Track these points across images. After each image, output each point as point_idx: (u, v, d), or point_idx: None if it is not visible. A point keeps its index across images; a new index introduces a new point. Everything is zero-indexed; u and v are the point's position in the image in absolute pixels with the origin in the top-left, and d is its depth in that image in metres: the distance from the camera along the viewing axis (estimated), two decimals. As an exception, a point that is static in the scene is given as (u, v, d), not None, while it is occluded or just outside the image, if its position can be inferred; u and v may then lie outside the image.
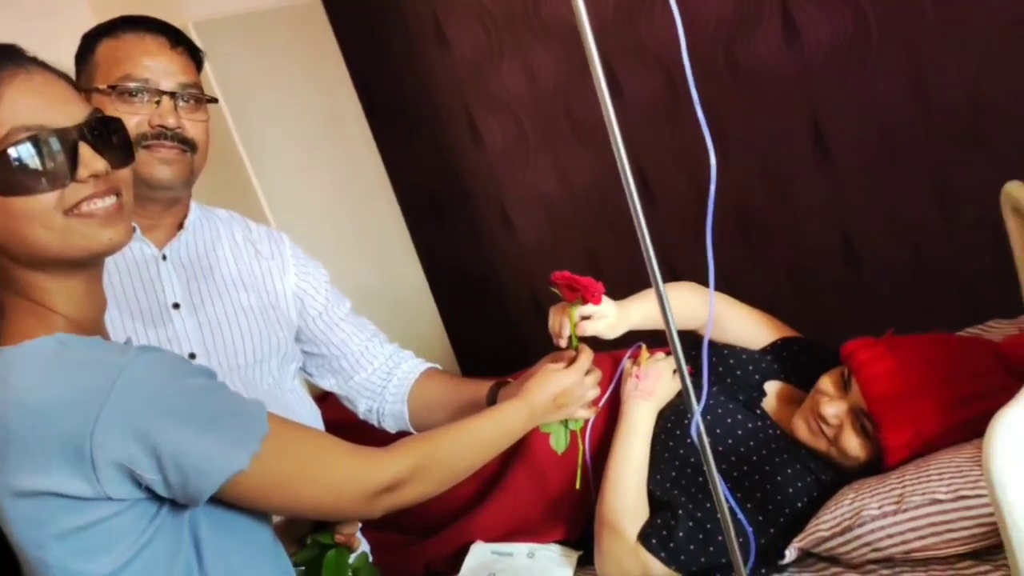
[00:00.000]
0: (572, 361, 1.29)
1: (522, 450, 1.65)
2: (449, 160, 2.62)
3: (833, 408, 1.39)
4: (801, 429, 1.45)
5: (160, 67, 1.29)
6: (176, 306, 1.34)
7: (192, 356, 1.33)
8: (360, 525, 1.16)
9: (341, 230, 2.39)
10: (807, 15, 1.96)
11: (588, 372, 1.29)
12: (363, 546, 1.44)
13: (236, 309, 1.38)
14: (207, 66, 2.11)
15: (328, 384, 1.55)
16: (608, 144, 2.44)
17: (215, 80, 2.10)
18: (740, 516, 1.26)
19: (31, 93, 0.86)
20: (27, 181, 0.84)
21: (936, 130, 1.92)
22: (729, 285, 2.07)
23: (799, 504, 1.38)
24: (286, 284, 1.46)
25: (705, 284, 1.55)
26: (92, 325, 0.93)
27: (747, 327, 1.62)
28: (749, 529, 1.30)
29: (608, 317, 1.38)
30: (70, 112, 0.88)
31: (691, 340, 1.71)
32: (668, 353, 1.59)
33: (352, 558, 1.10)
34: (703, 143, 2.26)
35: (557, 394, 1.24)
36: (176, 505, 0.92)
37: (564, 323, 1.34)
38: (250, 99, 2.19)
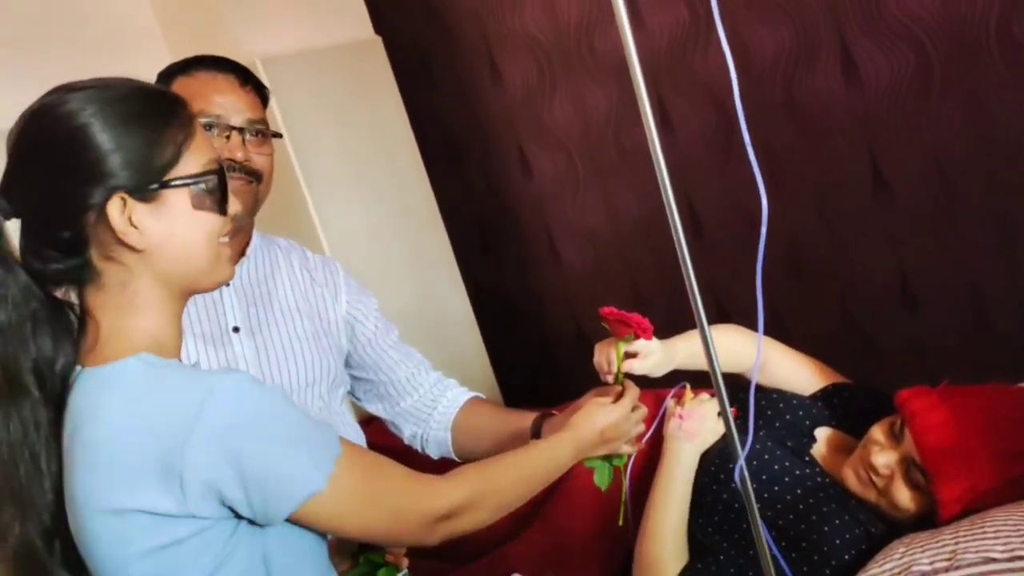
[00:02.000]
0: (619, 396, 1.28)
1: (562, 482, 1.63)
2: (499, 192, 2.64)
3: (884, 458, 1.35)
4: (851, 478, 1.40)
5: (230, 104, 1.36)
6: (236, 330, 1.39)
7: (235, 329, 1.38)
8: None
9: (392, 258, 2.42)
10: (866, 52, 1.93)
11: (634, 408, 1.28)
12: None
13: (292, 335, 1.43)
14: (272, 100, 2.17)
15: (375, 409, 1.58)
16: (654, 177, 2.44)
17: (279, 113, 2.15)
18: (784, 565, 1.23)
19: (206, 136, 1.01)
20: (214, 203, 0.97)
21: (999, 173, 1.87)
22: (779, 326, 2.04)
23: (846, 556, 1.33)
24: (338, 311, 1.50)
25: (754, 323, 1.54)
26: (173, 351, 0.99)
27: (795, 372, 1.58)
28: (793, 580, 1.26)
29: (654, 355, 1.37)
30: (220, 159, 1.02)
31: (738, 383, 1.68)
32: (713, 394, 1.57)
33: None
34: (753, 178, 2.23)
35: (603, 428, 1.24)
36: (252, 524, 0.94)
37: (611, 359, 1.33)
38: (311, 131, 2.24)
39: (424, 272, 2.50)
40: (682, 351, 1.43)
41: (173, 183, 0.94)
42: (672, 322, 2.48)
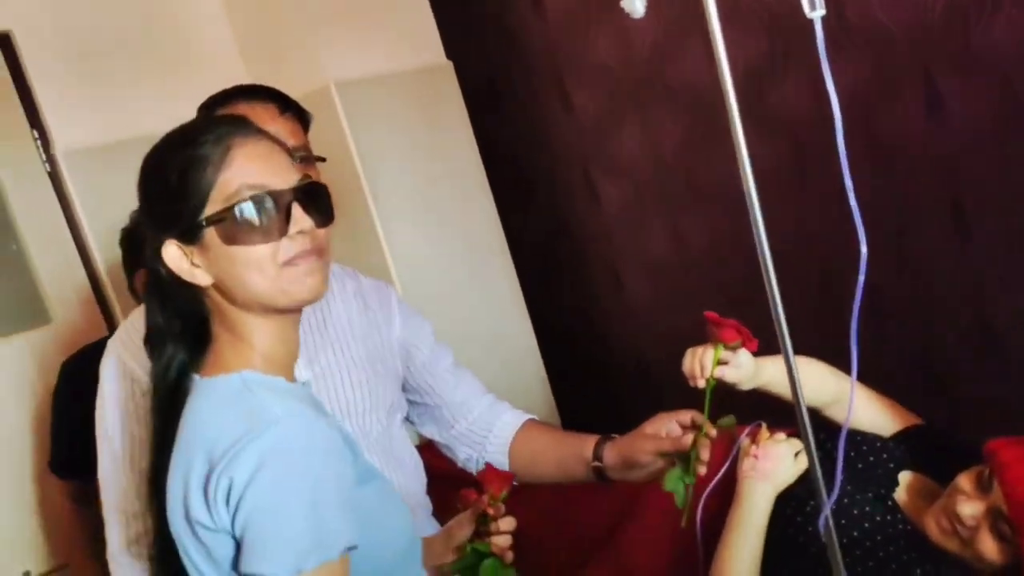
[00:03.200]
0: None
1: (634, 511, 1.62)
2: (565, 221, 2.64)
3: (970, 508, 1.30)
4: (933, 528, 1.36)
5: (271, 132, 1.37)
6: None
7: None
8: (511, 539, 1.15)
9: (457, 284, 2.43)
10: (951, 88, 1.89)
11: None
12: None
13: (347, 361, 1.43)
14: (344, 123, 2.21)
15: (428, 432, 1.58)
16: (725, 211, 2.41)
17: (351, 137, 2.19)
18: (866, 617, 1.19)
19: (256, 158, 0.99)
20: (248, 234, 0.97)
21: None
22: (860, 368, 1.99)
23: (928, 607, 1.30)
24: (392, 335, 1.50)
25: (829, 361, 1.51)
26: (283, 365, 1.03)
27: (875, 413, 1.55)
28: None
29: (746, 366, 1.34)
30: (286, 177, 1.00)
31: (816, 422, 1.65)
32: (789, 435, 1.54)
33: (504, 572, 1.11)
34: (828, 216, 2.21)
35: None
36: None
37: (706, 363, 1.31)
38: (381, 155, 2.27)
39: (488, 299, 2.51)
40: (768, 370, 1.40)
41: (202, 224, 0.97)
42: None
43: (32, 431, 2.19)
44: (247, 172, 0.97)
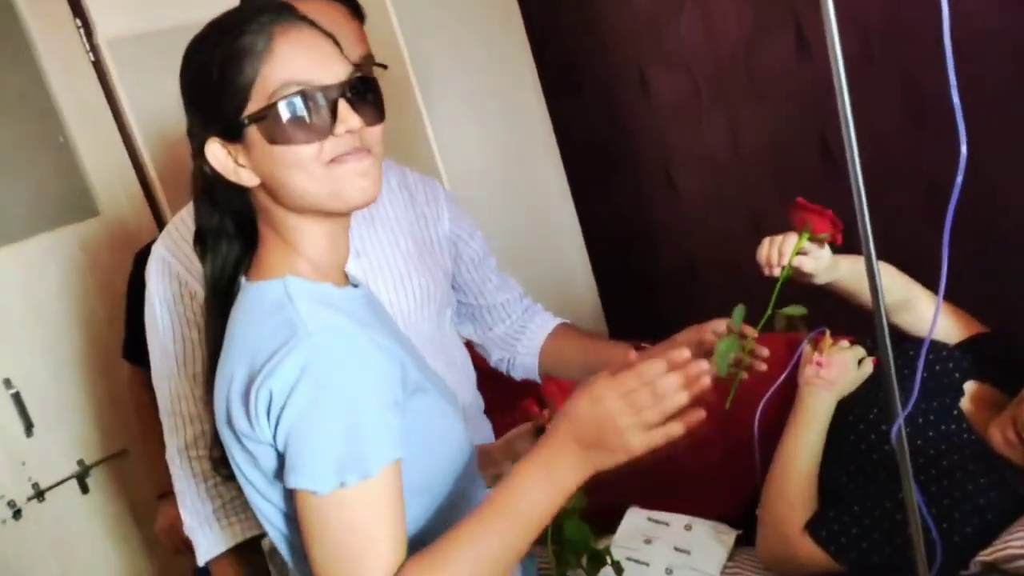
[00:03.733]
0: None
1: (686, 409, 1.62)
2: (615, 115, 2.56)
3: (1039, 419, 1.29)
4: (997, 437, 1.35)
5: (346, 38, 1.30)
6: None
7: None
8: None
9: (505, 184, 2.39)
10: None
11: (643, 381, 0.89)
12: None
13: (395, 254, 1.41)
14: (397, 27, 2.13)
15: (466, 331, 1.59)
16: (787, 106, 2.31)
17: (400, 31, 2.12)
18: (931, 524, 1.19)
19: (302, 50, 0.92)
20: (292, 133, 0.91)
21: None
22: (913, 268, 1.95)
23: (989, 515, 1.29)
24: (441, 230, 1.48)
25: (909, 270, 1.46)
26: (331, 269, 0.99)
27: (943, 319, 1.51)
28: (936, 536, 1.23)
29: (824, 259, 1.29)
30: (334, 71, 0.93)
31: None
32: (853, 342, 1.52)
33: None
34: (895, 110, 2.10)
35: (582, 430, 0.90)
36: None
37: (786, 250, 1.24)
38: (431, 51, 2.20)
39: (537, 200, 2.48)
40: (843, 265, 1.34)
41: (244, 122, 0.91)
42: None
43: (83, 320, 2.21)
44: (291, 65, 0.91)
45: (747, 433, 1.53)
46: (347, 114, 0.92)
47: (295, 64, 0.91)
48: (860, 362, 1.48)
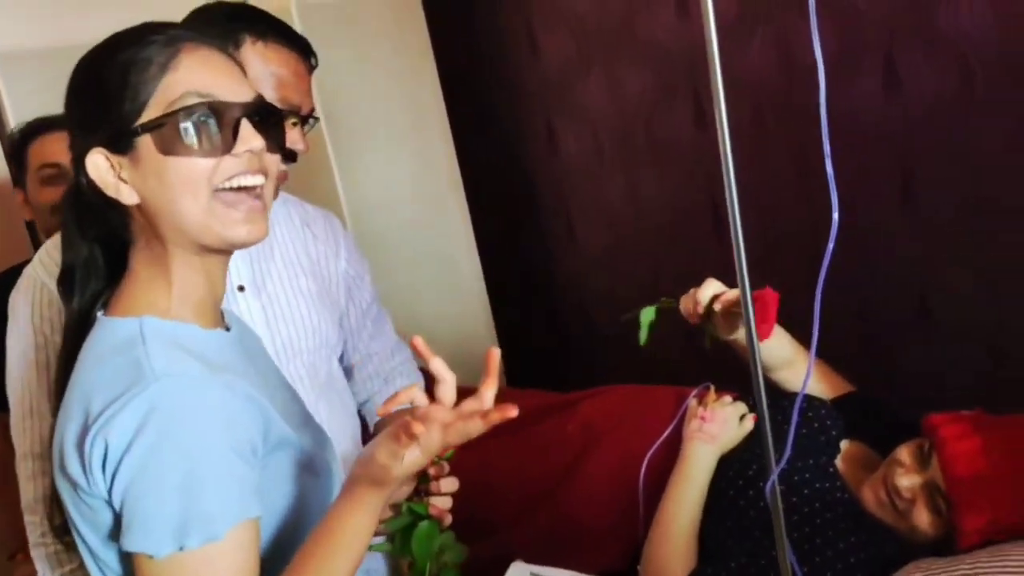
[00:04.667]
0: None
1: (576, 469, 1.62)
2: (522, 163, 2.60)
3: (908, 481, 1.34)
4: (870, 498, 1.39)
5: (304, 92, 1.30)
6: (241, 288, 1.32)
7: (240, 288, 1.32)
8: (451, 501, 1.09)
9: (409, 218, 2.39)
10: (911, 65, 1.89)
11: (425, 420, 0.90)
12: None
13: (296, 292, 1.37)
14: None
15: None
16: (683, 168, 2.39)
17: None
18: (800, 581, 1.22)
19: (208, 66, 0.90)
20: (189, 145, 0.86)
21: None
22: (793, 331, 2.02)
23: (859, 574, 1.33)
24: (339, 268, 1.45)
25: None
26: (204, 308, 0.94)
27: (815, 379, 1.57)
28: (807, 595, 1.25)
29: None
30: (238, 91, 0.90)
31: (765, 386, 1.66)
32: (736, 398, 1.55)
33: (441, 537, 1.07)
34: (784, 179, 2.20)
35: (365, 469, 0.90)
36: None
37: (702, 297, 1.38)
38: (338, 82, 2.19)
39: (440, 237, 2.48)
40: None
41: (138, 130, 0.86)
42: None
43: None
44: (196, 78, 0.88)
45: (633, 486, 1.54)
46: (250, 134, 0.89)
47: (199, 77, 0.88)
48: (742, 418, 1.52)
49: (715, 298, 1.38)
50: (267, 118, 0.93)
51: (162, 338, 0.88)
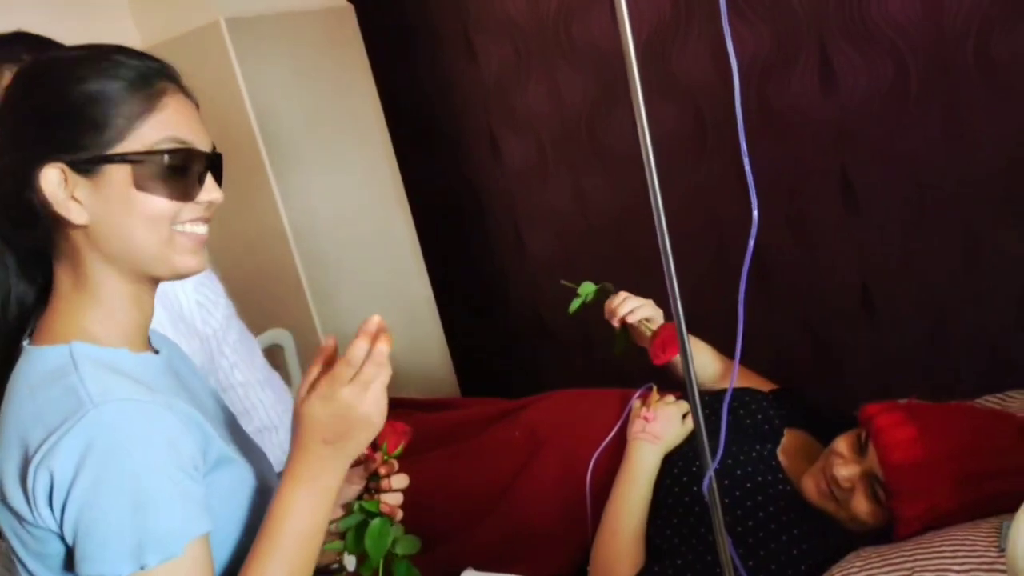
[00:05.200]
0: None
1: (523, 475, 1.61)
2: (466, 174, 2.59)
3: (847, 471, 1.35)
4: (810, 488, 1.40)
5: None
6: None
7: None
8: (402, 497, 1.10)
9: (353, 234, 2.36)
10: (846, 59, 1.93)
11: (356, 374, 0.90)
12: None
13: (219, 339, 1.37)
14: (235, 64, 2.08)
15: None
16: (627, 171, 2.41)
17: (242, 78, 2.07)
18: (742, 574, 1.22)
19: (187, 113, 0.93)
20: (163, 186, 0.89)
21: (970, 190, 1.88)
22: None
23: (803, 566, 1.33)
24: (187, 292, 1.41)
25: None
26: (132, 332, 0.94)
27: (743, 379, 1.62)
28: (751, 588, 1.26)
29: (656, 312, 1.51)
30: (204, 141, 0.94)
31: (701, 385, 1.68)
32: (678, 397, 1.56)
33: (392, 530, 1.07)
34: (726, 182, 2.22)
35: (312, 429, 0.90)
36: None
37: (620, 310, 1.52)
38: (274, 99, 2.16)
39: (386, 252, 2.45)
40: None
41: (115, 159, 0.87)
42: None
43: None
44: (178, 124, 0.90)
45: (580, 489, 1.53)
46: (211, 186, 0.94)
47: (181, 123, 0.91)
48: (685, 416, 1.52)
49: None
50: (217, 168, 0.97)
51: (95, 363, 0.87)
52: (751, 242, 0.99)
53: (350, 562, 1.09)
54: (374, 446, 1.11)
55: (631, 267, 2.39)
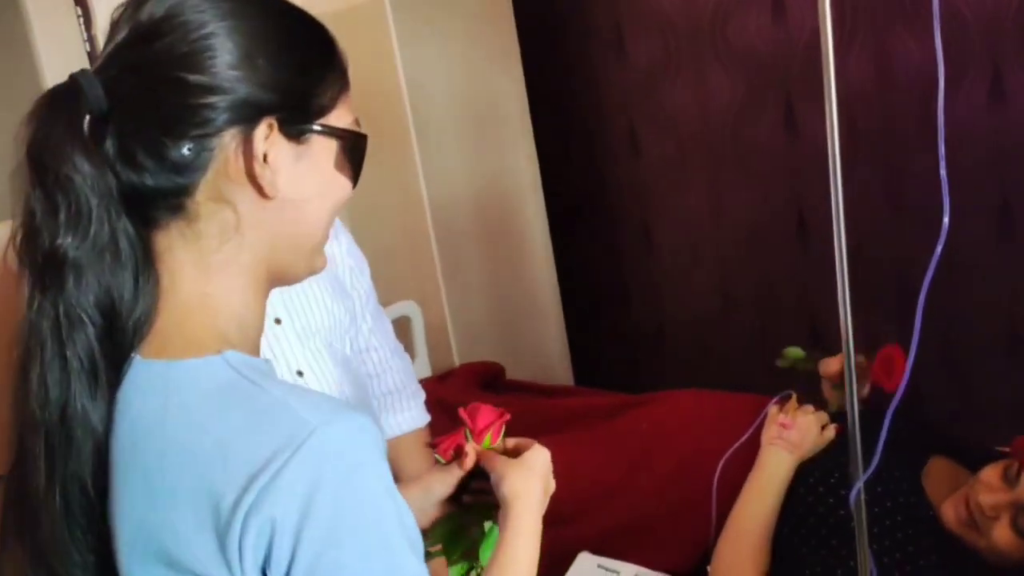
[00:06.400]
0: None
1: (647, 466, 1.62)
2: (601, 168, 2.60)
3: (992, 499, 1.30)
4: (950, 515, 1.36)
5: None
6: (278, 321, 1.26)
7: (277, 321, 1.26)
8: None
9: (488, 216, 2.40)
10: (1018, 78, 1.85)
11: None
12: None
13: (318, 295, 1.32)
14: (394, 39, 2.14)
15: None
16: (770, 179, 2.37)
17: (399, 54, 2.13)
18: (880, 592, 1.20)
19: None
20: (351, 169, 0.81)
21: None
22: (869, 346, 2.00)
23: (936, 594, 1.30)
24: (340, 251, 1.40)
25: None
26: (256, 342, 0.80)
27: None
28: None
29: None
30: None
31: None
32: (817, 408, 1.54)
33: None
34: (875, 193, 2.16)
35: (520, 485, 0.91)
36: None
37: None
38: (426, 77, 2.22)
39: (517, 237, 2.49)
40: None
41: (329, 131, 0.77)
42: (762, 326, 2.42)
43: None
44: (355, 110, 0.82)
45: (704, 488, 1.53)
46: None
47: (352, 111, 0.82)
48: (823, 428, 1.50)
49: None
50: None
51: (263, 375, 0.72)
52: (938, 248, 0.96)
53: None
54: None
55: (759, 274, 2.36)
